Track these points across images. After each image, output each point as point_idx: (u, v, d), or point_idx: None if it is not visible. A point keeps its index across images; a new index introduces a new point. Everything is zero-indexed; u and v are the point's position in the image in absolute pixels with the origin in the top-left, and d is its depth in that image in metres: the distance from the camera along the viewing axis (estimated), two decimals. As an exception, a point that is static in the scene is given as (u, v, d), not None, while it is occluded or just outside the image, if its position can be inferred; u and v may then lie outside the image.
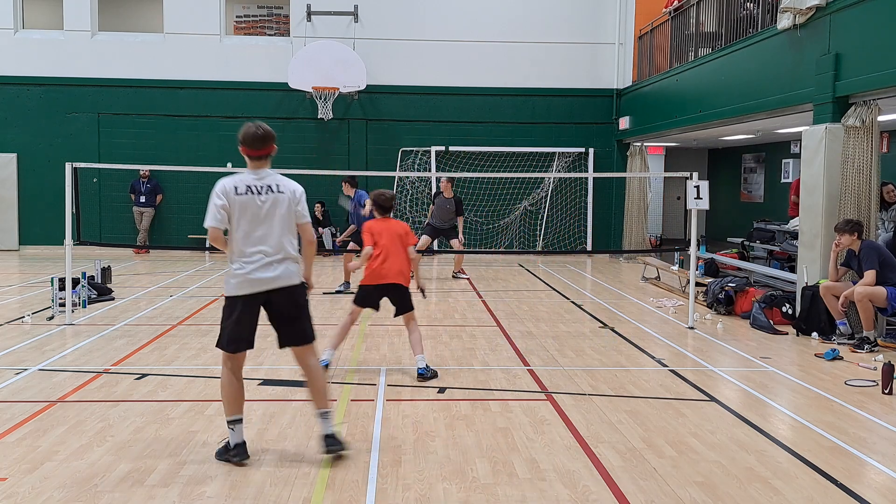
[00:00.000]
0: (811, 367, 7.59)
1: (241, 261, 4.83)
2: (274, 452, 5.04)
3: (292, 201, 4.98)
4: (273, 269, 4.83)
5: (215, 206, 4.86)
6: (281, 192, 4.97)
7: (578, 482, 4.61)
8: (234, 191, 4.89)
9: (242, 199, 4.88)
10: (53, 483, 4.49)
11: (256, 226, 4.86)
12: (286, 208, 4.94)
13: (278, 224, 4.89)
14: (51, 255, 16.62)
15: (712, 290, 10.68)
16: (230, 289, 4.86)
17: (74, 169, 9.50)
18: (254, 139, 5.08)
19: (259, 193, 4.91)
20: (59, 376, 6.86)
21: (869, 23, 8.87)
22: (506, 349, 8.24)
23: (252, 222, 4.86)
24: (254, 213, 4.86)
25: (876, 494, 4.50)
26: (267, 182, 4.98)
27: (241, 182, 4.96)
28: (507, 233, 18.62)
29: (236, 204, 4.87)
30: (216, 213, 4.85)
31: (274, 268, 4.84)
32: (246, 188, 4.92)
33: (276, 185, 4.99)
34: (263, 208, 4.88)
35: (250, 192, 4.90)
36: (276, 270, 4.84)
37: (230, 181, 4.96)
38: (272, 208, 4.90)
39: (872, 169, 8.91)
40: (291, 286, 4.91)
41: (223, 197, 4.88)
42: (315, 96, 17.38)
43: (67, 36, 17.93)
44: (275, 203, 4.91)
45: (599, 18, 18.44)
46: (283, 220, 4.92)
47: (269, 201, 4.91)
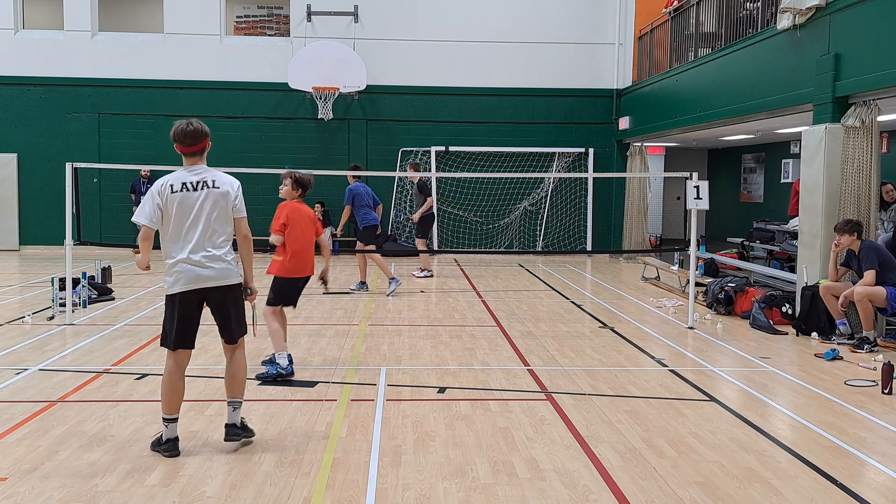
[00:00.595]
0: (811, 367, 7.59)
1: (177, 258, 4.87)
2: (274, 452, 5.04)
3: (229, 196, 4.98)
4: (207, 268, 4.89)
5: (151, 204, 4.87)
6: (216, 187, 4.96)
7: (578, 482, 4.61)
8: (171, 188, 4.88)
9: (178, 196, 4.87)
10: (53, 483, 4.49)
11: (192, 222, 4.88)
12: (223, 204, 4.95)
13: (215, 220, 4.92)
14: (51, 255, 16.63)
15: (712, 290, 10.68)
16: (168, 286, 4.93)
17: (74, 169, 9.51)
18: (184, 135, 4.96)
19: (194, 190, 4.90)
20: (60, 376, 6.86)
21: (869, 23, 8.87)
22: (506, 349, 8.25)
23: (187, 219, 4.88)
24: (189, 210, 4.87)
25: (876, 494, 4.50)
26: (203, 177, 4.96)
27: (176, 179, 4.92)
28: (507, 233, 18.63)
29: (173, 202, 4.86)
30: (151, 212, 4.86)
31: (208, 266, 4.89)
32: (181, 185, 4.90)
33: (212, 180, 4.97)
34: (197, 204, 4.89)
35: (185, 189, 4.89)
36: (209, 270, 4.90)
37: (166, 179, 4.94)
38: (206, 204, 4.90)
39: (872, 169, 8.91)
40: (226, 286, 4.98)
41: (159, 196, 4.88)
42: (315, 96, 17.39)
43: (67, 36, 17.93)
44: (210, 199, 4.91)
45: (599, 18, 18.44)
46: (220, 216, 4.94)
47: (202, 197, 4.90)
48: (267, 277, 7.07)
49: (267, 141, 18.00)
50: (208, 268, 4.89)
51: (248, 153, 17.61)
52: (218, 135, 17.86)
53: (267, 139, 18.04)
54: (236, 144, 17.93)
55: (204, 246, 4.89)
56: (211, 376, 6.94)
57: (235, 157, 17.47)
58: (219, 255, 4.93)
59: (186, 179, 4.93)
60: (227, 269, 4.96)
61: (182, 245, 4.87)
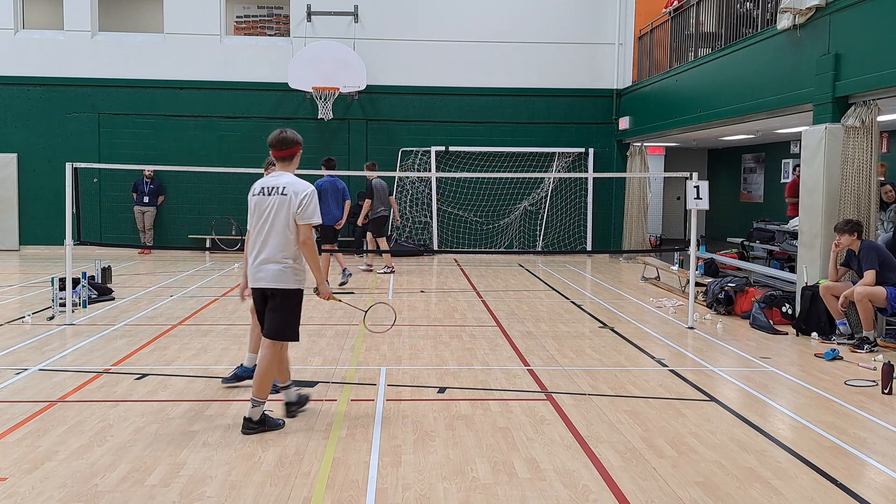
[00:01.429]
0: (811, 367, 7.59)
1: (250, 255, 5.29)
2: (274, 452, 5.04)
3: (292, 202, 5.20)
4: (263, 270, 5.23)
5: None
6: (284, 193, 5.22)
7: (578, 482, 4.61)
8: (252, 192, 5.34)
9: (256, 199, 5.29)
10: (53, 483, 4.49)
11: (261, 226, 5.26)
12: (286, 210, 5.21)
13: (277, 225, 5.21)
14: (51, 255, 16.63)
15: (712, 290, 10.68)
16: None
17: (74, 169, 9.50)
18: (276, 141, 5.40)
19: (269, 195, 5.25)
20: (60, 376, 6.86)
21: (869, 23, 8.87)
22: (506, 349, 8.25)
23: (258, 222, 5.27)
24: (260, 213, 5.27)
25: (876, 494, 4.50)
26: (279, 183, 5.27)
27: (259, 183, 5.35)
28: (507, 233, 18.63)
29: (252, 203, 5.33)
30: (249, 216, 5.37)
31: (265, 269, 5.22)
32: (261, 189, 5.30)
33: (282, 186, 5.24)
34: (267, 209, 5.24)
35: (263, 193, 5.28)
36: (265, 271, 5.22)
37: (257, 183, 5.39)
38: (274, 209, 5.23)
39: (872, 169, 8.91)
40: (279, 289, 5.24)
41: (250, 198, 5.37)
42: (315, 96, 17.39)
43: (67, 36, 17.94)
44: (277, 204, 5.22)
45: (599, 18, 18.44)
46: (283, 221, 5.20)
47: (273, 203, 5.23)
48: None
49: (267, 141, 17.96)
50: (263, 271, 5.24)
51: (248, 153, 17.59)
52: (218, 135, 18.03)
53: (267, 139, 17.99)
54: (236, 144, 17.94)
55: (266, 248, 5.21)
56: (211, 376, 6.94)
57: (235, 157, 17.50)
58: (271, 259, 5.22)
59: (266, 184, 5.30)
60: (278, 274, 5.22)
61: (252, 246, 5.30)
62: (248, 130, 18.09)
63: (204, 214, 18.05)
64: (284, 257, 5.20)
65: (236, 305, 10.76)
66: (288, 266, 5.22)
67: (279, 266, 5.21)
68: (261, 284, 5.28)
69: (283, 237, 5.20)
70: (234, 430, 5.45)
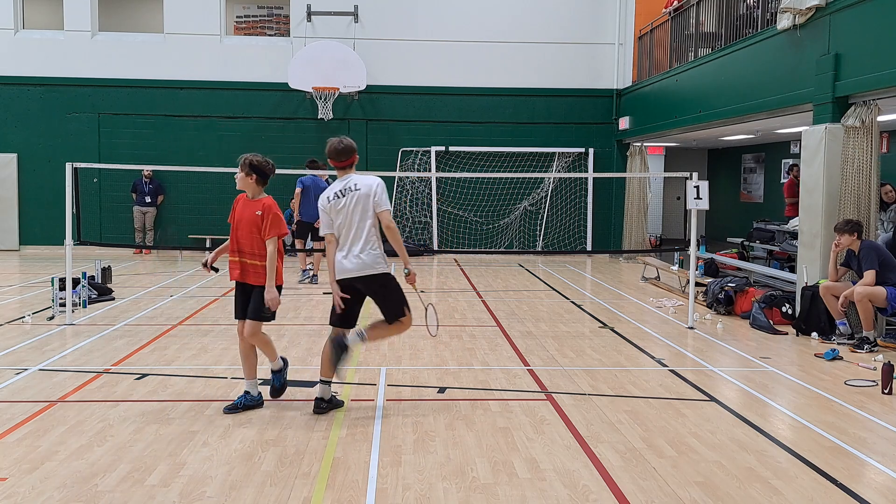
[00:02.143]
0: (811, 367, 7.59)
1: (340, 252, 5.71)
2: (274, 452, 5.04)
3: (369, 195, 5.66)
4: (354, 261, 5.64)
5: (321, 215, 5.80)
6: (358, 189, 5.68)
7: (578, 482, 4.61)
8: (326, 199, 5.73)
9: (333, 203, 5.71)
10: (53, 483, 4.49)
11: (347, 224, 5.67)
12: (364, 203, 5.65)
13: (359, 219, 5.65)
14: (51, 255, 16.63)
15: (712, 290, 10.68)
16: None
17: (74, 169, 9.51)
18: (336, 152, 5.77)
19: (343, 195, 5.69)
20: (60, 376, 6.86)
21: (869, 23, 8.87)
22: (506, 349, 8.25)
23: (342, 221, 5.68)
24: (344, 214, 5.67)
25: (876, 494, 4.50)
26: (349, 183, 5.72)
27: (330, 190, 5.78)
28: (507, 233, 18.63)
29: (329, 208, 5.72)
30: (325, 221, 5.77)
31: (356, 259, 5.64)
32: (334, 194, 5.72)
33: (354, 184, 5.71)
34: (344, 208, 5.67)
35: (338, 196, 5.70)
36: (356, 262, 5.64)
37: (326, 191, 5.81)
38: (352, 206, 5.66)
39: (872, 169, 8.91)
40: (375, 274, 5.67)
41: (324, 207, 5.76)
42: (315, 96, 17.39)
43: (67, 36, 17.93)
44: (354, 201, 5.66)
45: (599, 18, 18.44)
46: (363, 214, 5.65)
47: (350, 201, 5.66)
48: None
49: (267, 141, 17.97)
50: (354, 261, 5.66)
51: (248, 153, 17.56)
52: (218, 135, 18.03)
53: (267, 139, 18.02)
54: (236, 144, 17.91)
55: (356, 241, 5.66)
56: (211, 376, 6.94)
57: (235, 157, 17.17)
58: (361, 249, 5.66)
59: (338, 188, 5.72)
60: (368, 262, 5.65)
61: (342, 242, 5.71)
62: (248, 130, 18.09)
63: (204, 214, 18.04)
64: (372, 247, 5.65)
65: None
66: (376, 252, 5.67)
67: (367, 255, 5.64)
68: (353, 273, 5.65)
69: (367, 228, 5.66)
70: (234, 430, 5.45)
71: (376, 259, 5.68)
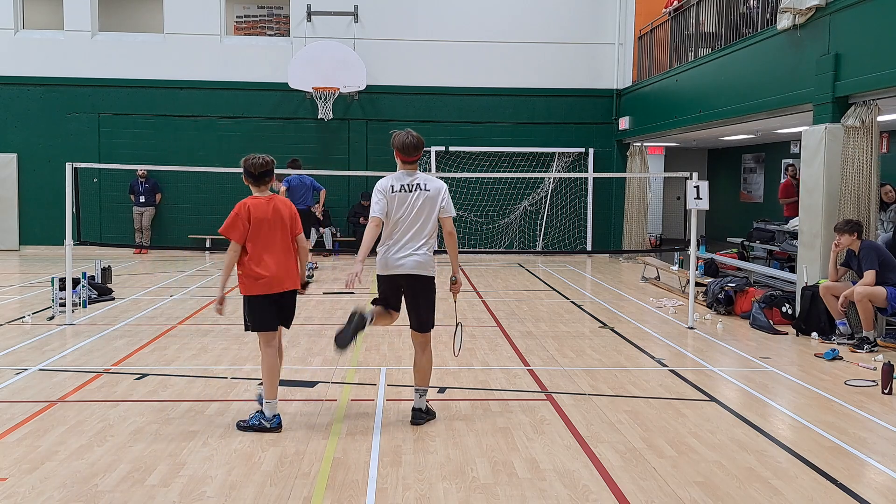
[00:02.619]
0: (811, 367, 7.59)
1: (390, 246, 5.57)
2: (274, 452, 5.04)
3: (437, 198, 5.61)
4: (406, 259, 5.54)
5: (377, 200, 5.58)
6: (427, 189, 5.59)
7: (578, 482, 4.61)
8: (390, 188, 5.57)
9: (398, 195, 5.55)
10: (53, 483, 4.49)
11: (408, 219, 5.55)
12: (431, 205, 5.58)
13: (422, 219, 5.56)
14: (51, 255, 16.62)
15: (712, 290, 10.68)
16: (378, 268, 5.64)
17: (74, 169, 9.51)
18: (407, 147, 5.62)
19: (410, 191, 5.58)
20: (60, 376, 6.86)
21: (869, 23, 8.87)
22: (506, 349, 8.25)
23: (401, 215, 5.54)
24: (406, 208, 5.55)
25: (876, 494, 4.50)
26: (417, 180, 5.62)
27: (393, 181, 5.62)
28: (507, 233, 18.62)
29: (390, 199, 5.54)
30: (380, 205, 5.55)
31: (409, 258, 5.54)
32: (400, 186, 5.59)
33: (423, 183, 5.63)
34: (409, 205, 5.55)
35: (403, 190, 5.57)
36: (408, 260, 5.53)
37: (387, 180, 5.65)
38: (418, 204, 5.55)
39: (872, 169, 8.91)
40: (423, 276, 5.61)
41: (384, 192, 5.57)
42: (315, 96, 17.39)
43: (67, 36, 17.93)
44: (422, 200, 5.56)
45: (599, 18, 18.43)
46: (427, 215, 5.58)
47: (415, 198, 5.56)
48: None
49: (267, 141, 17.97)
50: (407, 258, 5.55)
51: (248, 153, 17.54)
52: (218, 135, 18.02)
53: (267, 139, 18.02)
54: (236, 144, 17.92)
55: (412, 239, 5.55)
56: (211, 376, 6.94)
57: (235, 157, 17.30)
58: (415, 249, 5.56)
59: (402, 182, 5.59)
60: (421, 262, 5.57)
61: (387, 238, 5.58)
62: (248, 130, 18.09)
63: (204, 214, 18.04)
64: (428, 249, 5.61)
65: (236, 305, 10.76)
66: (429, 256, 5.62)
67: (422, 255, 5.56)
68: (402, 271, 5.57)
69: (427, 230, 5.58)
70: (234, 430, 5.45)
71: (430, 261, 5.64)
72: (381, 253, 5.63)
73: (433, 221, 5.62)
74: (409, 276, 5.59)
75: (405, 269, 5.57)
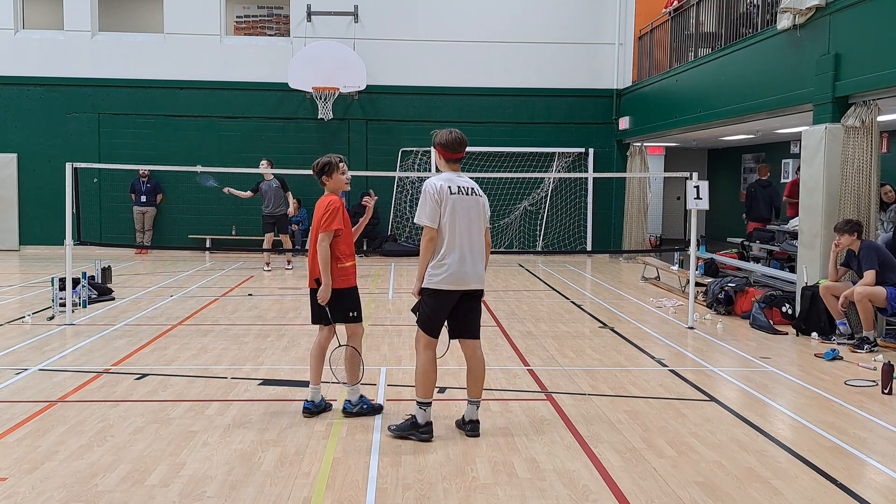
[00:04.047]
0: (811, 367, 7.59)
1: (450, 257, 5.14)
2: (274, 452, 5.04)
3: (485, 205, 5.35)
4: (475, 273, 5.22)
5: (431, 205, 5.12)
6: (479, 195, 5.30)
7: (578, 482, 4.61)
8: (448, 191, 5.16)
9: (455, 198, 5.16)
10: (53, 483, 4.49)
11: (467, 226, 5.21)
12: (480, 211, 5.29)
13: (478, 226, 5.28)
14: (51, 255, 16.63)
15: (712, 290, 10.68)
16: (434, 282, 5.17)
17: (74, 169, 9.51)
18: (456, 143, 5.29)
19: (468, 195, 5.23)
20: (60, 376, 6.86)
21: (869, 23, 8.87)
22: (506, 349, 8.25)
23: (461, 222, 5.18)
24: (465, 214, 5.19)
25: (876, 494, 4.50)
26: (468, 184, 5.28)
27: (448, 181, 5.20)
28: (507, 233, 18.63)
29: (450, 203, 5.14)
30: (433, 212, 5.12)
31: (476, 271, 5.23)
32: (458, 188, 5.20)
33: (473, 188, 5.29)
34: (466, 210, 5.20)
35: (462, 193, 5.20)
36: (476, 274, 5.22)
37: (438, 181, 5.20)
38: (474, 211, 5.25)
39: (872, 169, 8.91)
40: (481, 290, 5.32)
41: (438, 197, 5.13)
42: (315, 96, 17.39)
43: (67, 36, 17.93)
44: (476, 206, 5.27)
45: (599, 18, 18.44)
46: (480, 222, 5.28)
47: (472, 204, 5.25)
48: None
49: (267, 141, 17.99)
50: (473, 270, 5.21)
51: (248, 153, 17.61)
52: (218, 135, 18.03)
53: (267, 139, 18.04)
54: (236, 144, 17.94)
55: (474, 249, 5.22)
56: (211, 376, 6.94)
57: (235, 157, 17.49)
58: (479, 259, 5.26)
59: (459, 184, 5.23)
60: (482, 273, 5.29)
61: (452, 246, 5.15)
62: (248, 130, 18.09)
63: (204, 214, 18.05)
64: (483, 258, 5.32)
65: (236, 305, 10.77)
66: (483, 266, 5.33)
67: (482, 266, 5.31)
68: (473, 286, 5.24)
69: (482, 238, 5.32)
70: (234, 430, 5.45)
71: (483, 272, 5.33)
72: (450, 265, 5.13)
73: (483, 229, 5.36)
74: (471, 291, 5.26)
75: (475, 283, 5.24)
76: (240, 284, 12.78)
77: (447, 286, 5.16)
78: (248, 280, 13.34)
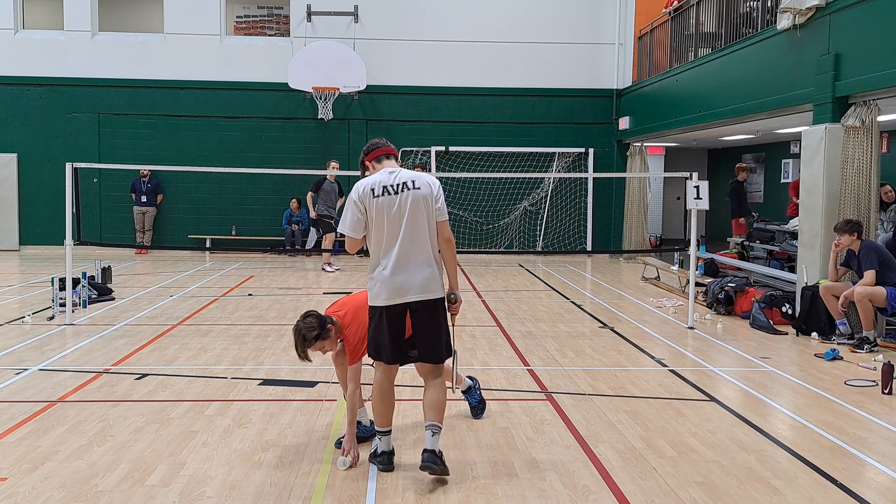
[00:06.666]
0: (811, 367, 7.59)
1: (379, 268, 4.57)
2: (274, 452, 5.04)
3: (430, 197, 4.63)
4: (409, 281, 4.53)
5: (352, 211, 4.60)
6: (417, 188, 4.61)
7: (578, 482, 4.61)
8: (370, 194, 4.59)
9: (379, 200, 4.57)
10: (53, 483, 4.49)
11: (395, 230, 4.56)
12: (424, 206, 4.60)
13: (416, 226, 4.58)
14: (51, 255, 16.62)
15: (712, 290, 10.68)
16: (371, 297, 4.63)
17: (74, 169, 9.51)
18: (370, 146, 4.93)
19: (395, 193, 4.59)
20: (60, 376, 6.86)
21: (869, 23, 8.87)
22: (506, 349, 8.24)
23: (387, 226, 4.56)
24: (390, 217, 4.56)
25: (876, 494, 4.50)
26: (402, 178, 4.64)
27: (371, 183, 4.64)
28: (507, 233, 18.62)
29: (372, 207, 4.57)
30: (355, 220, 4.59)
31: (411, 279, 4.53)
32: (382, 189, 4.59)
33: (410, 180, 4.62)
34: (396, 210, 4.57)
35: (387, 193, 4.58)
36: (411, 282, 4.53)
37: (363, 182, 4.67)
38: (408, 208, 4.57)
39: (872, 169, 8.91)
40: (429, 300, 4.58)
41: (360, 201, 4.59)
42: (315, 96, 17.39)
43: (67, 36, 17.93)
44: (410, 202, 4.58)
45: (599, 18, 18.44)
46: (423, 220, 4.59)
47: (403, 201, 4.58)
48: None
49: (267, 141, 17.99)
50: (414, 278, 4.53)
51: (248, 153, 17.62)
52: (218, 135, 18.02)
53: (267, 139, 18.04)
54: (236, 144, 17.94)
55: (409, 254, 4.54)
56: (211, 376, 6.94)
57: (235, 157, 17.50)
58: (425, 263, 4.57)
59: (384, 182, 4.63)
60: (431, 280, 4.57)
61: (381, 254, 4.57)
62: (248, 130, 18.09)
63: (204, 214, 18.06)
64: (430, 262, 4.58)
65: (236, 305, 10.77)
66: (434, 271, 4.59)
67: (431, 272, 4.57)
68: (412, 297, 4.53)
69: (426, 239, 4.59)
70: (234, 430, 5.45)
71: (437, 279, 4.59)
72: (378, 276, 4.57)
73: (429, 227, 4.62)
74: (416, 302, 4.56)
75: (415, 294, 4.55)
76: (240, 284, 12.78)
77: (381, 302, 4.55)
78: (248, 280, 13.34)
